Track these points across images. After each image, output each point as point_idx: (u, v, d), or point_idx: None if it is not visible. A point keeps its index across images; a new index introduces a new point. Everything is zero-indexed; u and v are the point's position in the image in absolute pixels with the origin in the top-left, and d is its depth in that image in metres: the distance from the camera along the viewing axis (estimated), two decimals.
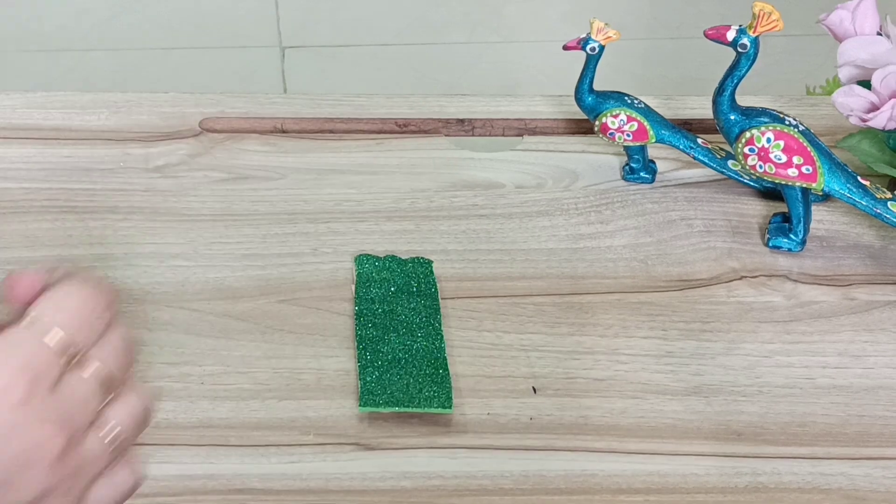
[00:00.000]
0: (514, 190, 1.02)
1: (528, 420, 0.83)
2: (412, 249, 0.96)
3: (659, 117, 1.02)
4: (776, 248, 0.97)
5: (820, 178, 0.95)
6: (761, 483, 0.80)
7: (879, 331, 0.91)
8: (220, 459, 0.80)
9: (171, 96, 1.10)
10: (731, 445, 0.82)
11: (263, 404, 0.83)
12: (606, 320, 0.91)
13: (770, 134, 0.95)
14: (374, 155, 1.06)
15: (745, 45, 0.94)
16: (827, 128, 1.07)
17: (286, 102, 1.09)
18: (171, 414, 0.82)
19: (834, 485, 0.80)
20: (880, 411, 0.85)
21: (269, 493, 0.78)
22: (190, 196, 1.00)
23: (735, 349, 0.89)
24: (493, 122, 1.09)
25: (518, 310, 0.91)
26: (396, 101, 1.11)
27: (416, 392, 0.83)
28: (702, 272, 0.95)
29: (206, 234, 0.96)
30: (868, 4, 1.00)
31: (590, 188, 1.03)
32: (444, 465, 0.80)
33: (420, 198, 1.01)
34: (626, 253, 0.97)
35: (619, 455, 0.81)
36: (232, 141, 1.06)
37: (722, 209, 1.01)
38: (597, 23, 1.00)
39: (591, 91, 1.01)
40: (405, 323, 0.88)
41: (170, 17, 2.51)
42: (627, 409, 0.84)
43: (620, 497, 0.79)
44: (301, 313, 0.90)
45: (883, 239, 0.99)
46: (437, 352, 0.86)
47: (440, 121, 1.09)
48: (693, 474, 0.80)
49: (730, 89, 0.96)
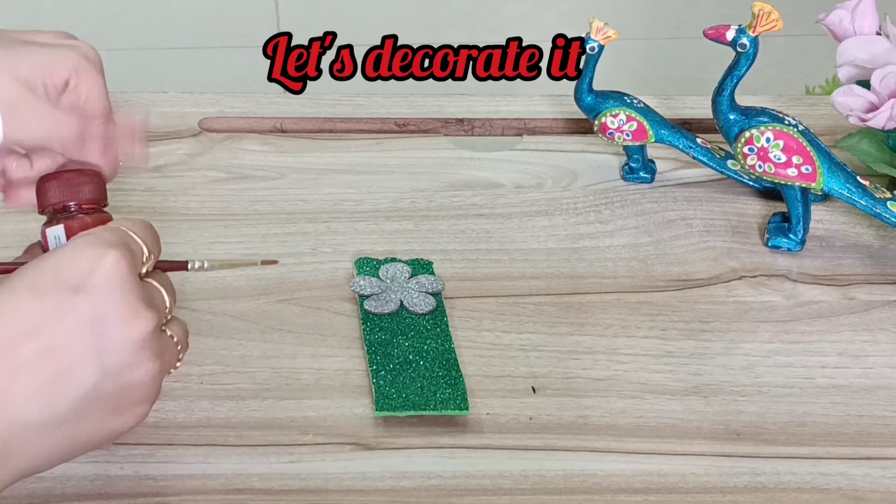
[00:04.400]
0: (513, 190, 1.02)
1: (527, 420, 0.83)
2: (411, 249, 0.96)
3: (658, 117, 1.02)
4: (775, 247, 0.97)
5: (819, 178, 0.95)
6: (760, 483, 0.80)
7: (879, 330, 0.91)
8: (219, 459, 0.80)
9: (171, 96, 1.10)
10: (730, 445, 0.82)
11: (263, 404, 0.83)
12: (606, 320, 0.91)
13: (769, 133, 0.95)
14: (374, 155, 1.06)
15: (745, 45, 0.94)
16: (826, 127, 1.07)
17: (285, 102, 1.09)
18: (170, 413, 0.82)
19: (833, 484, 0.80)
20: (879, 411, 0.85)
21: (268, 493, 0.78)
22: (189, 196, 1.00)
23: (734, 349, 0.89)
24: (493, 121, 1.09)
25: (517, 309, 0.91)
26: (396, 101, 1.11)
27: (432, 394, 0.83)
28: (701, 272, 0.95)
29: (205, 234, 0.96)
30: (867, 4, 1.00)
31: (589, 188, 1.03)
32: (443, 464, 0.80)
33: (419, 197, 1.01)
34: (626, 253, 0.97)
35: (618, 455, 0.81)
36: (231, 141, 1.06)
37: (721, 209, 1.01)
38: (596, 23, 1.00)
39: (591, 91, 1.01)
40: (412, 325, 0.88)
41: (170, 17, 2.51)
42: (627, 408, 0.84)
43: (620, 497, 0.78)
44: (300, 313, 0.90)
45: (882, 239, 0.99)
46: (447, 353, 0.86)
47: (439, 120, 1.09)
48: (692, 474, 0.80)
49: (729, 89, 0.96)
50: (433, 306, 0.89)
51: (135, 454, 0.79)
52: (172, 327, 0.74)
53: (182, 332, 0.75)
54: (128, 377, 0.69)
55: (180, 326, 0.75)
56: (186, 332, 0.75)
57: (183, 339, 0.75)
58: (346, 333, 0.89)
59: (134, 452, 0.80)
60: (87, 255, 0.68)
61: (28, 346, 0.67)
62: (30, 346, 0.67)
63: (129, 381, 0.69)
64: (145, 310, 0.70)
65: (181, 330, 0.75)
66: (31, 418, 0.67)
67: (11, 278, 0.68)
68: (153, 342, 0.70)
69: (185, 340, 0.75)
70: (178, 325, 0.75)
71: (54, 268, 0.68)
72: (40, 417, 0.67)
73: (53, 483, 0.77)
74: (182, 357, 0.75)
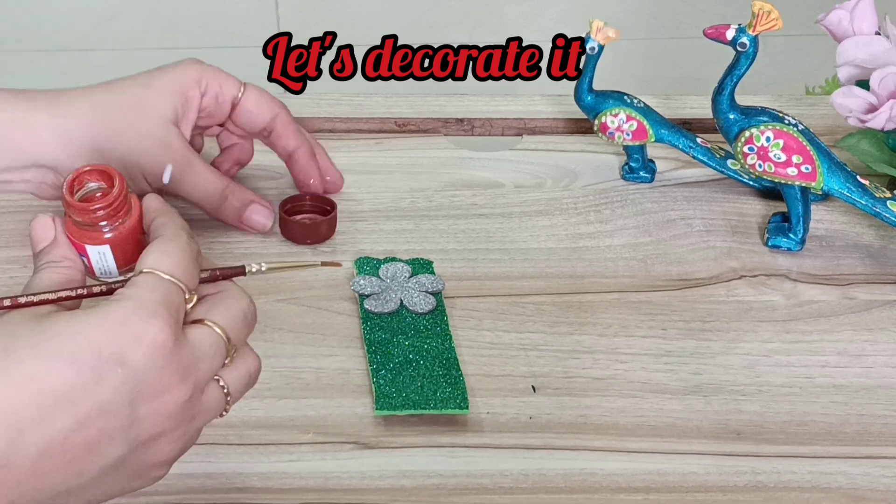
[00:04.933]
0: (513, 189, 1.03)
1: (527, 419, 0.83)
2: (411, 249, 0.96)
3: (658, 117, 1.02)
4: (775, 247, 0.97)
5: (819, 178, 0.95)
6: (761, 482, 0.80)
7: (879, 330, 0.91)
8: (219, 458, 0.80)
9: None
10: (730, 444, 0.82)
11: (263, 403, 0.83)
12: (606, 319, 0.91)
13: (769, 133, 0.95)
14: (374, 154, 1.06)
15: (745, 45, 0.94)
16: (826, 127, 1.07)
17: (285, 102, 1.09)
18: None
19: (833, 484, 0.80)
20: (879, 410, 0.85)
21: (268, 492, 0.78)
22: None
23: (734, 348, 0.89)
24: (493, 121, 1.09)
25: (517, 309, 0.91)
26: (396, 101, 1.11)
27: (432, 394, 0.83)
28: (701, 271, 0.95)
29: (205, 234, 0.96)
30: (866, 4, 1.00)
31: (589, 188, 1.03)
32: (443, 463, 0.80)
33: (419, 197, 1.01)
34: (626, 252, 0.97)
35: (618, 454, 0.81)
36: None
37: (721, 209, 1.01)
38: (596, 22, 1.00)
39: (591, 90, 1.02)
40: (412, 325, 0.88)
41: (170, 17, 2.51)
42: (627, 408, 0.84)
43: (620, 496, 0.78)
44: (300, 312, 0.90)
45: (882, 238, 0.99)
46: (447, 352, 0.86)
47: (439, 120, 1.09)
48: (692, 473, 0.80)
49: (729, 88, 0.96)
50: (433, 306, 0.89)
51: None
52: (229, 374, 0.71)
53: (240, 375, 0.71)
54: (152, 448, 0.68)
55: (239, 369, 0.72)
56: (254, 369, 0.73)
57: (240, 383, 0.72)
58: (346, 333, 0.89)
59: None
60: (133, 331, 0.66)
61: (64, 417, 0.65)
62: (65, 418, 0.65)
63: (152, 451, 0.69)
64: (179, 383, 0.67)
65: (239, 372, 0.72)
66: (58, 488, 0.66)
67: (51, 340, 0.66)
68: (185, 412, 0.68)
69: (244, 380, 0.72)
70: (234, 371, 0.71)
71: (98, 338, 0.66)
72: (67, 486, 0.66)
73: None
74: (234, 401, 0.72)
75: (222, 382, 0.71)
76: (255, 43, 1.21)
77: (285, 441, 0.81)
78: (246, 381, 0.72)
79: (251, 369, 0.72)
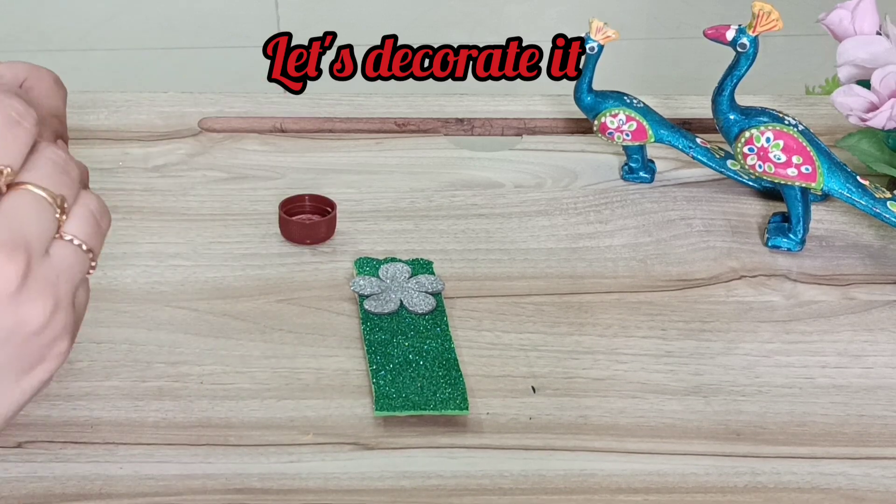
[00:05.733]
0: (513, 189, 1.02)
1: (527, 420, 0.83)
2: (411, 249, 0.96)
3: (658, 117, 1.02)
4: (775, 247, 0.97)
5: (819, 178, 0.95)
6: (760, 483, 0.80)
7: (879, 330, 0.91)
8: (218, 459, 0.80)
9: (170, 96, 1.10)
10: (730, 445, 0.82)
11: (262, 404, 0.83)
12: (606, 320, 0.91)
13: (769, 133, 0.95)
14: (374, 154, 1.06)
15: (745, 45, 0.94)
16: (826, 127, 1.07)
17: (285, 102, 1.09)
18: (169, 413, 0.82)
19: (833, 484, 0.80)
20: (879, 411, 0.85)
21: (268, 493, 0.78)
22: (189, 196, 1.00)
23: (734, 349, 0.89)
24: (493, 121, 1.09)
25: (517, 309, 0.91)
26: (395, 101, 1.11)
27: (432, 394, 0.83)
28: (701, 272, 0.95)
29: (205, 234, 0.96)
30: (867, 4, 1.00)
31: (589, 188, 1.03)
32: (442, 464, 0.80)
33: (419, 197, 1.01)
34: (626, 253, 0.97)
35: (618, 455, 0.81)
36: (231, 140, 1.06)
37: (721, 209, 1.01)
38: (596, 22, 1.00)
39: (590, 90, 1.02)
40: (412, 325, 0.88)
41: (170, 17, 2.51)
42: (626, 408, 0.84)
43: (619, 497, 0.78)
44: (300, 313, 0.90)
45: (882, 239, 0.99)
46: (447, 353, 0.86)
47: (439, 120, 1.09)
48: (692, 474, 0.80)
49: (729, 89, 0.96)
50: (433, 306, 0.89)
51: (135, 454, 0.79)
52: (70, 224, 0.63)
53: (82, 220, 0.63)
54: (20, 333, 0.60)
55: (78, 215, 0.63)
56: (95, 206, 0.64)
57: (87, 225, 0.63)
58: (345, 333, 0.89)
59: (134, 452, 0.80)
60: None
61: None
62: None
63: (23, 336, 0.60)
64: (8, 259, 0.59)
65: (80, 218, 0.63)
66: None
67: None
68: (34, 282, 0.60)
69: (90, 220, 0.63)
70: (74, 219, 0.63)
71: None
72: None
73: (53, 483, 0.77)
74: (98, 252, 0.64)
75: (68, 237, 0.62)
76: (255, 43, 1.21)
77: (285, 442, 0.81)
78: (92, 222, 0.64)
79: (92, 207, 0.64)
